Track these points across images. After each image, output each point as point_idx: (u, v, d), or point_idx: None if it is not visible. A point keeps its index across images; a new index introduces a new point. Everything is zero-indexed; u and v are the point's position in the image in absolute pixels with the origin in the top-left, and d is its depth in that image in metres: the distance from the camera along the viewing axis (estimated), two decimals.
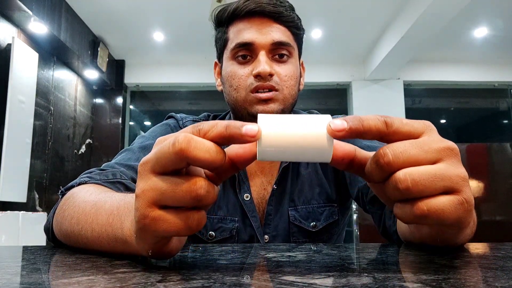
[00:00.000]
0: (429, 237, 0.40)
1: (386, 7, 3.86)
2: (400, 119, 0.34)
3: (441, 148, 0.33)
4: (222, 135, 0.31)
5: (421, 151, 0.32)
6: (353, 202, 0.84)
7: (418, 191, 0.31)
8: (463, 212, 0.33)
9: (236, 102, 0.77)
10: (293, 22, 0.78)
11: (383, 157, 0.32)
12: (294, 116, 0.34)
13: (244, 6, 0.76)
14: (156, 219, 0.32)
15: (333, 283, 0.26)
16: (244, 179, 0.80)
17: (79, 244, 0.48)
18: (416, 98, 5.40)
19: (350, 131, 0.32)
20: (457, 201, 0.32)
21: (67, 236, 0.50)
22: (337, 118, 0.33)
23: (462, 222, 0.34)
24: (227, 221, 0.79)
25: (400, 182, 0.31)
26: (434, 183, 0.32)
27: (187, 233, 0.32)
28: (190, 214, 0.32)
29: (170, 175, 0.32)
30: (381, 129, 0.33)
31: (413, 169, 0.32)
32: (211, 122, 0.32)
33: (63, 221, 0.51)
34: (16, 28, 3.25)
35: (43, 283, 0.27)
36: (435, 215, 0.32)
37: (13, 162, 3.06)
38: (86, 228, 0.45)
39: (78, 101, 4.43)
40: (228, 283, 0.26)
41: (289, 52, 0.77)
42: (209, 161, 0.30)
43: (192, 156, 0.30)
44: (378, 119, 0.33)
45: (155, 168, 0.32)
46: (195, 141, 0.30)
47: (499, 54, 4.87)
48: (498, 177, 2.77)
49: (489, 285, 0.25)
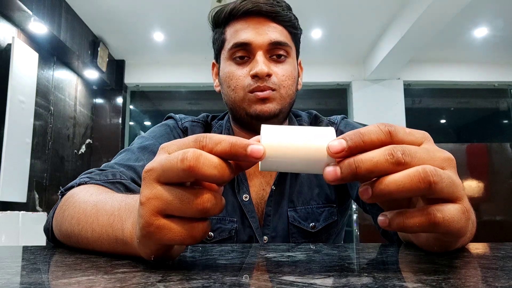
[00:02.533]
0: (426, 245, 0.41)
1: (386, 7, 3.86)
2: (403, 128, 0.34)
3: (444, 157, 0.34)
4: (227, 153, 0.31)
5: (428, 157, 0.33)
6: (353, 202, 0.84)
7: (440, 190, 0.31)
8: (465, 221, 0.33)
9: (234, 103, 0.77)
10: (290, 21, 0.78)
11: (396, 151, 0.32)
12: (297, 128, 0.34)
13: (241, 6, 0.76)
14: (160, 227, 0.32)
15: (333, 283, 0.26)
16: (243, 180, 0.80)
17: (79, 244, 0.47)
18: (416, 98, 5.40)
19: (350, 150, 0.32)
20: (462, 210, 0.33)
21: (67, 236, 0.50)
22: (335, 139, 0.32)
23: (464, 231, 0.34)
24: (226, 222, 0.79)
25: (433, 176, 0.30)
26: (451, 188, 0.32)
27: (192, 242, 0.32)
28: (196, 224, 0.32)
29: (176, 186, 0.32)
30: (384, 141, 0.33)
31: (438, 168, 0.31)
32: (215, 137, 0.32)
33: (63, 221, 0.51)
34: (16, 28, 3.25)
35: (43, 283, 0.27)
36: (447, 223, 0.32)
37: (13, 162, 3.06)
38: (87, 229, 0.45)
39: (78, 101, 4.43)
40: (228, 283, 0.26)
41: (287, 52, 0.77)
42: (218, 177, 0.31)
43: (201, 174, 0.30)
44: (381, 130, 0.33)
45: (161, 179, 0.32)
46: (204, 158, 0.30)
47: (499, 54, 4.87)
48: (498, 177, 2.77)
49: (489, 285, 0.25)
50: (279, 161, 0.33)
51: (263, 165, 0.33)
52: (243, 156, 0.31)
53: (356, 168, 0.31)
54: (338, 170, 0.31)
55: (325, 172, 0.32)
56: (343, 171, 0.31)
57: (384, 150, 0.32)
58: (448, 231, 0.32)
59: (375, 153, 0.32)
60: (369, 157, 0.31)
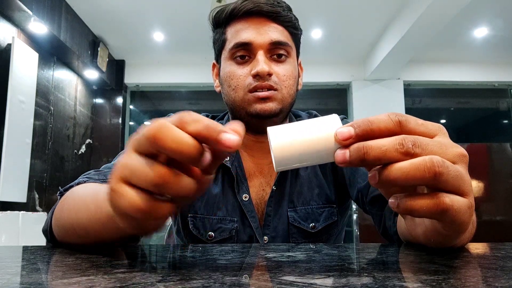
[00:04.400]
0: (423, 237, 0.41)
1: (386, 7, 3.85)
2: (415, 119, 0.34)
3: (457, 152, 0.34)
4: (200, 134, 0.31)
5: (440, 150, 0.33)
6: (353, 202, 0.84)
7: (445, 181, 0.31)
8: (469, 216, 0.33)
9: (234, 102, 0.77)
10: (291, 22, 0.78)
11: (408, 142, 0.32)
12: (302, 122, 0.34)
13: (242, 6, 0.76)
14: (116, 191, 0.32)
15: (333, 283, 0.26)
16: (242, 180, 0.80)
17: (75, 232, 0.48)
18: (416, 98, 5.40)
19: (357, 137, 0.32)
20: (468, 204, 0.33)
21: (66, 229, 0.50)
22: (344, 126, 0.33)
23: (465, 227, 0.34)
24: (226, 222, 0.79)
25: (439, 166, 0.31)
26: (458, 181, 0.32)
27: (145, 217, 0.32)
28: (157, 203, 0.32)
29: (146, 158, 0.32)
30: (393, 130, 0.33)
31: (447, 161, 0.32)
32: (196, 116, 0.32)
33: (62, 215, 0.51)
34: (16, 28, 3.25)
35: (43, 283, 0.27)
36: (454, 212, 0.32)
37: (13, 162, 3.06)
38: (83, 211, 0.46)
39: (78, 101, 4.43)
40: (228, 283, 0.26)
41: (287, 52, 0.77)
42: (177, 152, 0.30)
43: (161, 144, 0.30)
44: (390, 119, 0.33)
45: (136, 147, 0.33)
46: (168, 130, 0.30)
47: (499, 54, 4.87)
48: (498, 177, 2.77)
49: (489, 285, 0.25)
50: (293, 158, 0.33)
51: (278, 165, 0.34)
52: (214, 140, 0.31)
53: (364, 154, 0.32)
54: (347, 153, 0.32)
55: (335, 154, 0.33)
56: (352, 155, 0.32)
57: (395, 139, 0.32)
58: (453, 220, 0.32)
59: (385, 141, 0.32)
60: (379, 145, 0.32)
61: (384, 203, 0.66)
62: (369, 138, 0.32)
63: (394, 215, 0.61)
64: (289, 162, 0.34)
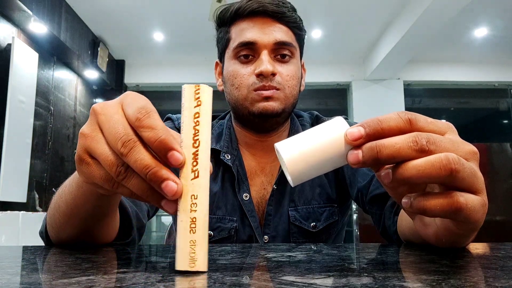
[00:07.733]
0: (434, 237, 0.40)
1: (386, 7, 3.86)
2: (424, 117, 0.34)
3: (469, 149, 0.33)
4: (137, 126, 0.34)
5: (453, 148, 0.32)
6: (353, 202, 0.84)
7: (461, 179, 0.31)
8: (482, 214, 0.33)
9: (237, 101, 0.77)
10: (295, 22, 0.78)
11: (421, 138, 0.32)
12: (308, 131, 0.34)
13: (247, 6, 0.76)
14: (86, 162, 0.35)
15: (333, 283, 0.26)
16: (243, 179, 0.80)
17: (60, 211, 0.48)
18: (416, 98, 5.40)
19: (368, 137, 0.32)
20: (482, 202, 0.33)
21: (53, 217, 0.50)
22: (353, 126, 0.33)
23: (479, 225, 0.34)
24: (225, 221, 0.78)
25: (455, 164, 0.30)
26: (472, 179, 0.32)
27: (106, 186, 0.34)
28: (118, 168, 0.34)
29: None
30: (403, 128, 0.33)
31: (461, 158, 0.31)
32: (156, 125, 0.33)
33: (53, 210, 0.51)
34: (16, 28, 3.25)
35: (43, 283, 0.27)
36: (469, 211, 0.32)
37: (13, 162, 3.06)
38: (67, 192, 0.46)
39: (78, 101, 4.43)
40: (228, 283, 0.26)
41: (291, 52, 0.77)
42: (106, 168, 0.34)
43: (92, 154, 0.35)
44: (400, 117, 0.33)
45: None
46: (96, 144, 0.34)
47: (499, 54, 4.87)
48: (498, 177, 2.77)
49: (489, 285, 0.25)
50: (308, 171, 0.33)
51: (294, 180, 0.33)
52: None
53: (377, 153, 0.31)
54: (360, 153, 0.32)
55: (348, 155, 0.32)
56: (365, 155, 0.32)
57: (408, 136, 0.32)
58: (467, 219, 0.32)
59: (398, 139, 0.32)
60: (391, 143, 0.31)
61: (384, 203, 0.66)
62: (380, 138, 0.32)
63: (394, 214, 0.61)
64: (305, 176, 0.33)
